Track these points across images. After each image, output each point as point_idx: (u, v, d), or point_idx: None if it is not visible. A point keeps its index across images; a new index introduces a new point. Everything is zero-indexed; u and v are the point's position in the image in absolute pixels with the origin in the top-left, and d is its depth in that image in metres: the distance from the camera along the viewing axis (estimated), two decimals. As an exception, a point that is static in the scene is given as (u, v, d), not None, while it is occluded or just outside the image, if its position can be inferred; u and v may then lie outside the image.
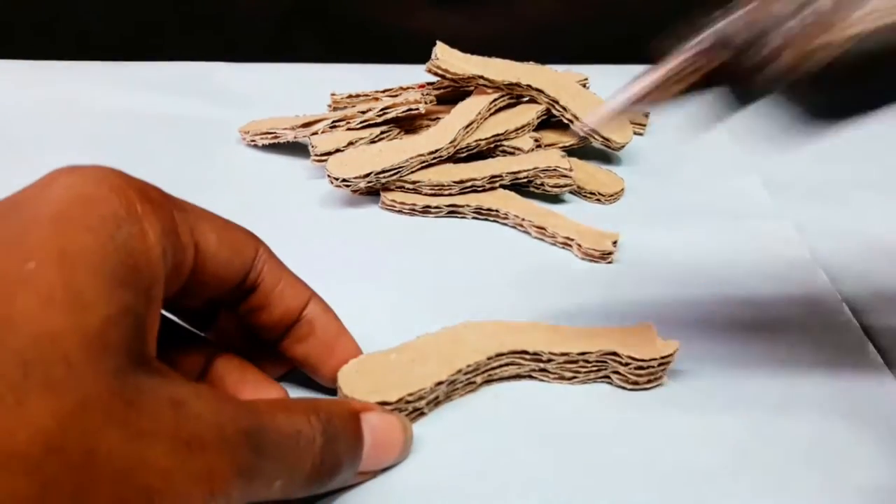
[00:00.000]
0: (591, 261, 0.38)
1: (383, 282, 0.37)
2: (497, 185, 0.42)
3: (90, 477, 0.18)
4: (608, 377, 0.31)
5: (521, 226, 0.40)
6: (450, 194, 0.41)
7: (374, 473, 0.27)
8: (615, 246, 0.39)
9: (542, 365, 0.31)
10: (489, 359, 0.30)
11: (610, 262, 0.38)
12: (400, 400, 0.28)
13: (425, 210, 0.41)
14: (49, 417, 0.17)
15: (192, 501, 0.19)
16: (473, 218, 0.41)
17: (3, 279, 0.19)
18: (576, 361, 0.30)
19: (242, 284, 0.26)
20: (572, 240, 0.39)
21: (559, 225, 0.40)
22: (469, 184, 0.41)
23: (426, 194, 0.41)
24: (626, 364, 0.30)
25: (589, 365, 0.31)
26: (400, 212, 0.41)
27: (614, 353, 0.30)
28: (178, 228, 0.23)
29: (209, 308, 0.29)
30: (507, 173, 0.42)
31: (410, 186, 0.41)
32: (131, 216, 0.21)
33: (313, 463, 0.23)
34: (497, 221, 0.41)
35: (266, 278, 0.27)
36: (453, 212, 0.41)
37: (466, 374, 0.30)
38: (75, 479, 0.18)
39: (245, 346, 0.29)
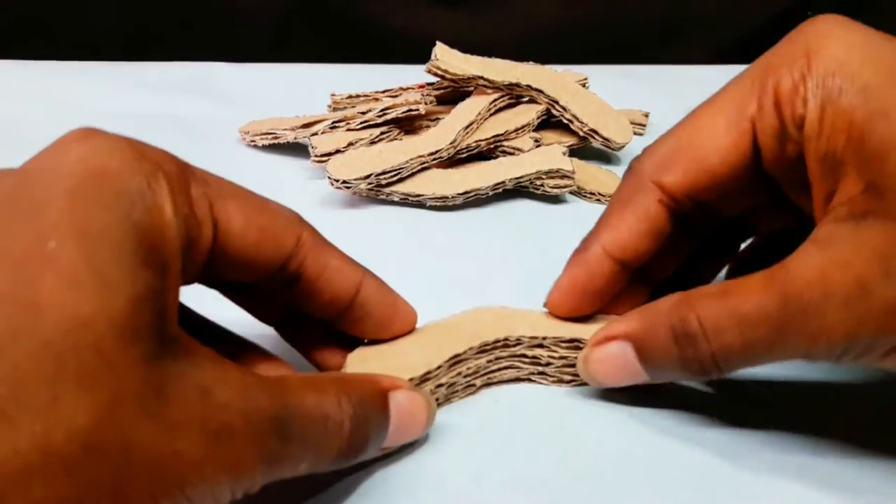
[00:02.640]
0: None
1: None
2: (500, 190, 0.42)
3: (128, 473, 0.18)
4: None
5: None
6: (454, 204, 0.42)
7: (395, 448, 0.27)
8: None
9: (540, 368, 0.31)
10: (487, 352, 0.30)
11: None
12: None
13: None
14: (85, 414, 0.17)
15: (219, 488, 0.20)
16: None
17: (24, 260, 0.18)
18: (574, 365, 0.30)
19: (283, 272, 0.25)
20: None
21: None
22: (473, 193, 0.42)
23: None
24: None
25: None
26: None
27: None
28: (195, 202, 0.22)
29: (256, 290, 0.28)
30: (511, 179, 0.42)
31: (414, 199, 0.41)
32: (147, 191, 0.20)
33: (340, 446, 0.23)
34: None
35: (310, 267, 0.26)
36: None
37: (466, 376, 0.30)
38: (114, 476, 0.17)
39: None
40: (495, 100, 0.45)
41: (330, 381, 0.24)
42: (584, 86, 0.48)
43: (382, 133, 0.44)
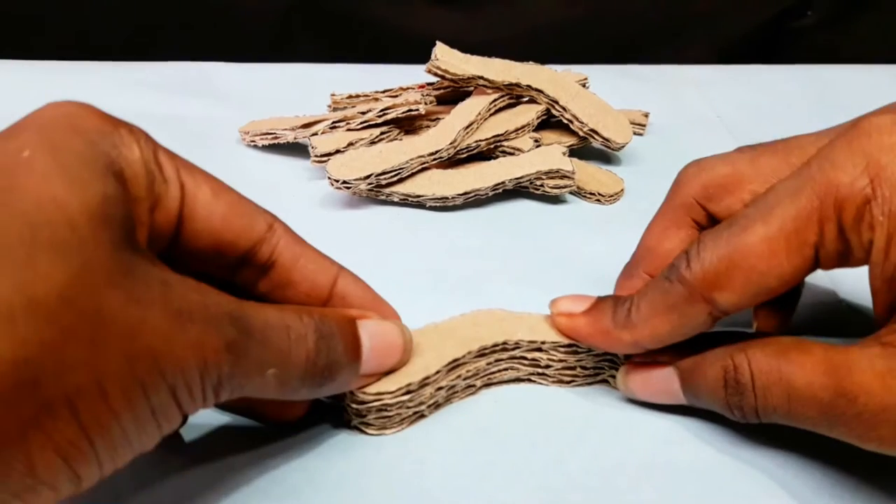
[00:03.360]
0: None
1: (384, 283, 0.37)
2: (500, 190, 0.42)
3: (101, 331, 0.19)
4: (606, 381, 0.31)
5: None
6: (454, 205, 0.42)
7: (379, 377, 0.28)
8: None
9: (540, 370, 0.31)
10: (486, 355, 0.30)
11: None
12: (398, 390, 0.28)
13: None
14: (60, 274, 0.19)
15: (188, 368, 0.21)
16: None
17: (1, 164, 0.20)
18: (573, 368, 0.30)
19: (254, 256, 0.26)
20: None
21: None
22: (473, 194, 0.42)
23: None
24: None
25: (587, 371, 0.31)
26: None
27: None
28: (162, 164, 0.24)
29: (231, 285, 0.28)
30: (511, 179, 0.42)
31: (414, 200, 0.41)
32: (114, 133, 0.23)
33: (308, 357, 0.24)
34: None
35: (283, 254, 0.27)
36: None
37: (466, 378, 0.30)
38: (89, 330, 0.19)
39: None
40: (495, 100, 0.45)
41: (291, 305, 0.26)
42: (584, 86, 0.48)
43: (382, 133, 0.44)
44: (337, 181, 0.41)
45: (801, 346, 0.26)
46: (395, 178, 0.41)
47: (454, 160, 0.43)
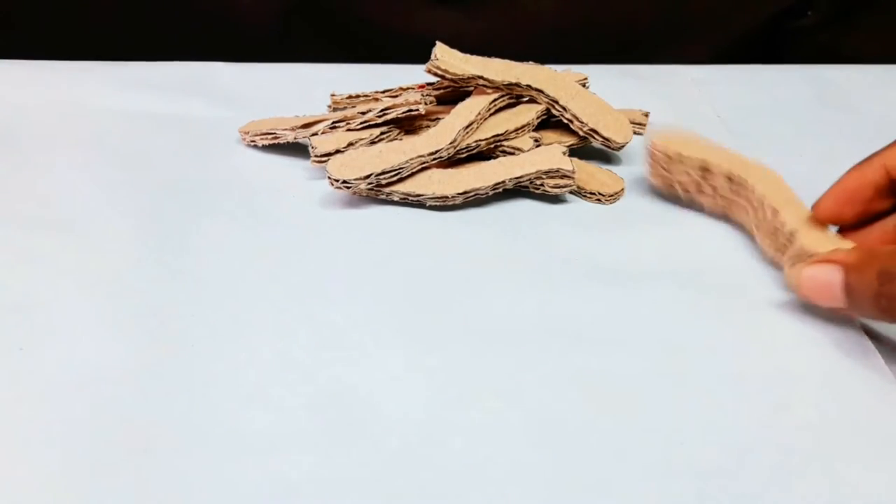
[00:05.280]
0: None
1: (384, 283, 0.37)
2: (500, 190, 0.42)
3: None
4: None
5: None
6: (454, 204, 0.42)
7: None
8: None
9: None
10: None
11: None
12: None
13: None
14: None
15: None
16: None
17: None
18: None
19: None
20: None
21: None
22: (473, 194, 0.42)
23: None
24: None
25: None
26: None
27: None
28: None
29: None
30: (511, 179, 0.42)
31: (414, 199, 0.41)
32: None
33: None
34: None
35: None
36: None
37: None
38: None
39: None
40: (495, 100, 0.45)
41: None
42: (584, 86, 0.48)
43: (382, 133, 0.44)
44: (337, 181, 0.41)
45: None
46: (395, 178, 0.41)
47: (454, 160, 0.43)
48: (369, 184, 0.41)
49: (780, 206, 0.37)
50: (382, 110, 0.44)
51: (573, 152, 0.45)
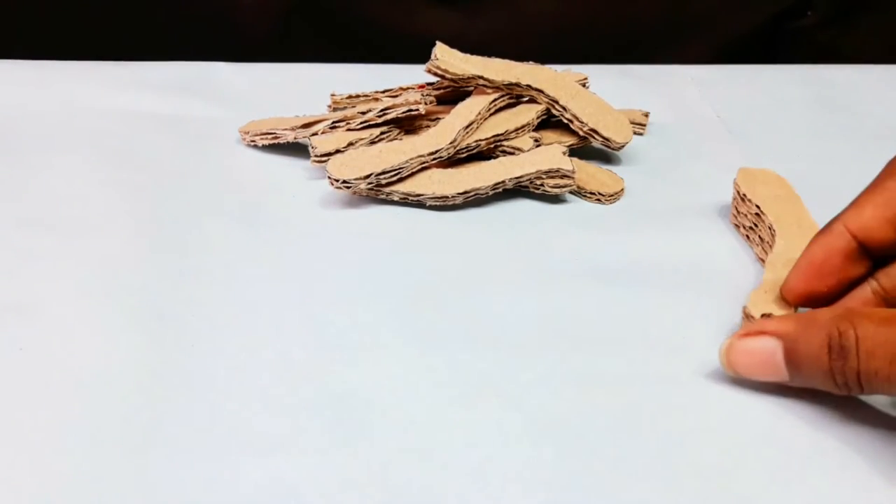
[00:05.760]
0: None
1: (384, 283, 0.37)
2: (500, 190, 0.42)
3: None
4: None
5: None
6: (454, 204, 0.42)
7: None
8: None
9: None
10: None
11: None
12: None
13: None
14: None
15: None
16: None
17: None
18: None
19: None
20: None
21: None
22: (473, 193, 0.42)
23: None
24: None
25: None
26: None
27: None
28: None
29: None
30: (511, 179, 0.42)
31: (414, 199, 0.41)
32: None
33: None
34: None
35: None
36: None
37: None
38: None
39: None
40: (495, 100, 0.45)
41: None
42: (584, 86, 0.48)
43: (382, 133, 0.44)
44: (337, 181, 0.41)
45: None
46: (395, 178, 0.41)
47: (454, 160, 0.43)
48: (369, 184, 0.41)
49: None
50: (382, 110, 0.44)
51: (573, 152, 0.45)
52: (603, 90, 0.47)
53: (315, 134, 0.44)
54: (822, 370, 0.28)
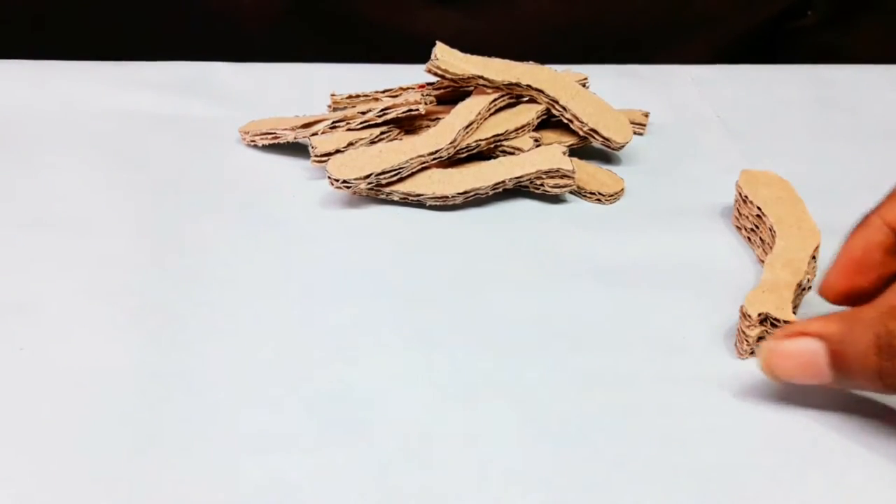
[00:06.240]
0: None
1: (384, 283, 0.37)
2: (500, 190, 0.42)
3: None
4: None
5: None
6: (454, 204, 0.42)
7: None
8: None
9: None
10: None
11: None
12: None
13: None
14: None
15: None
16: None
17: None
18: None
19: None
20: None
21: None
22: (473, 193, 0.42)
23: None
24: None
25: None
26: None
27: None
28: None
29: None
30: (511, 179, 0.42)
31: (414, 199, 0.41)
32: None
33: None
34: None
35: None
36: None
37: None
38: None
39: None
40: (495, 100, 0.45)
41: None
42: (584, 86, 0.48)
43: (382, 133, 0.44)
44: (337, 181, 0.41)
45: None
46: (395, 178, 0.41)
47: (454, 160, 0.43)
48: (369, 184, 0.41)
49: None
50: (382, 110, 0.44)
51: (573, 152, 0.45)
52: (603, 90, 0.47)
53: (315, 134, 0.44)
54: (870, 371, 0.26)
